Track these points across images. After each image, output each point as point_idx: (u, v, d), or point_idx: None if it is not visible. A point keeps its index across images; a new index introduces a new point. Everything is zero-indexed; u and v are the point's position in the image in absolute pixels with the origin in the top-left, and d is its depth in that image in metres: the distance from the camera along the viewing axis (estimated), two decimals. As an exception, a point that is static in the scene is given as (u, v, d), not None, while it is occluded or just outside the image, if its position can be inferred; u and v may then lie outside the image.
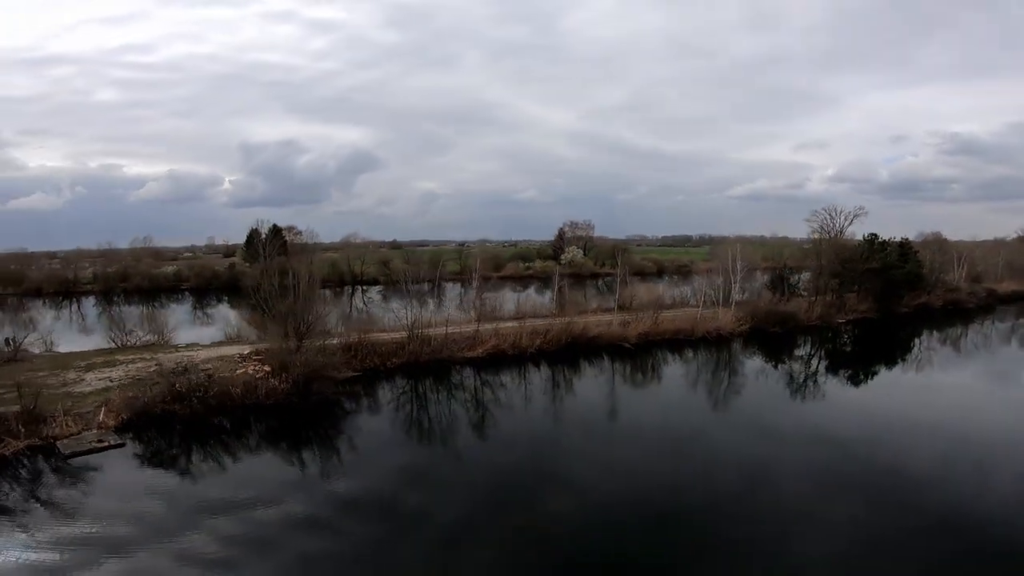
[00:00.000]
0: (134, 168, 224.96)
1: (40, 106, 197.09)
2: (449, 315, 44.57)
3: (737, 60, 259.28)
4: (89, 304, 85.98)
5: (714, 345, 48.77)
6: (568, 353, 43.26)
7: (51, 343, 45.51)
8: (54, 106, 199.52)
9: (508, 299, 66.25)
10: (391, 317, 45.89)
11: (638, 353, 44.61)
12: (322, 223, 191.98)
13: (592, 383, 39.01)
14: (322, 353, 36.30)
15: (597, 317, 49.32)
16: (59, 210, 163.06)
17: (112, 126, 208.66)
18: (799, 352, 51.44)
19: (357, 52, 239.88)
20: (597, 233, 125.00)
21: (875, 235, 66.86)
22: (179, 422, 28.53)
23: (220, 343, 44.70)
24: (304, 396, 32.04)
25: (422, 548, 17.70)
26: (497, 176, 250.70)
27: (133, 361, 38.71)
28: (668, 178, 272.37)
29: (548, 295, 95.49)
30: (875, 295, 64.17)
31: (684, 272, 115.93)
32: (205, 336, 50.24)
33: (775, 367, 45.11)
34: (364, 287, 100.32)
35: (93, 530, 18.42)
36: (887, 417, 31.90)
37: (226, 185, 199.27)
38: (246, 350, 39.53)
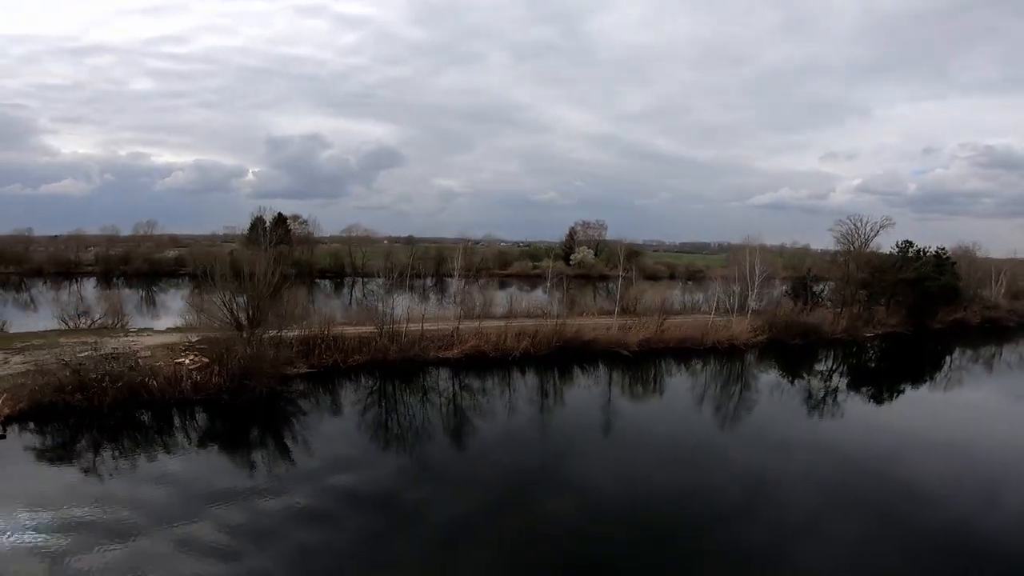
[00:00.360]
0: (162, 157, 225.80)
1: (77, 94, 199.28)
2: (426, 310, 39.29)
3: (768, 68, 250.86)
4: (87, 285, 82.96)
5: (725, 356, 42.83)
6: (558, 358, 37.71)
7: (4, 323, 41.53)
8: (90, 94, 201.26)
9: (502, 297, 60.83)
10: (367, 310, 40.80)
11: (638, 361, 38.91)
12: (342, 217, 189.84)
13: (582, 393, 33.45)
14: (272, 346, 31.49)
15: (595, 320, 43.66)
16: (88, 196, 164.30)
17: (144, 115, 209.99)
18: (820, 367, 45.27)
19: (385, 48, 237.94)
20: (612, 236, 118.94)
21: (909, 243, 60.20)
22: (80, 414, 23.85)
23: (177, 330, 40.02)
24: (237, 393, 27.11)
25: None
26: (516, 177, 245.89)
27: (72, 345, 34.17)
28: (689, 185, 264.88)
29: (554, 295, 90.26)
30: (908, 308, 57.52)
31: (698, 277, 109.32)
32: (176, 322, 45.74)
33: (793, 382, 39.21)
34: (364, 279, 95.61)
35: None
36: (916, 439, 27.70)
37: (250, 176, 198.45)
38: (196, 338, 34.71)
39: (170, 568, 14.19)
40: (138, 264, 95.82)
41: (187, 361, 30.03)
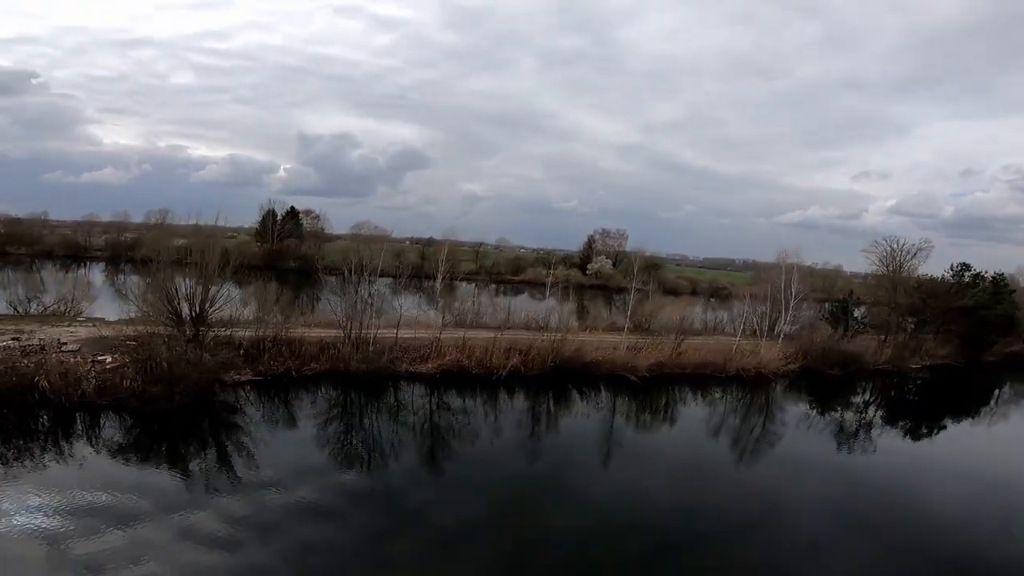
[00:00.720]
0: (198, 150, 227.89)
1: (122, 86, 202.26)
2: (402, 313, 33.75)
3: (804, 82, 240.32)
4: (93, 270, 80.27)
5: (750, 386, 36.41)
6: (554, 380, 31.76)
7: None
8: (134, 87, 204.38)
9: (504, 304, 55.22)
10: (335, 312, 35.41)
11: (647, 388, 32.76)
12: (367, 216, 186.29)
13: (575, 423, 27.54)
14: (215, 347, 26.40)
15: (602, 337, 37.63)
16: (126, 185, 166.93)
17: (184, 109, 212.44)
18: (862, 399, 38.88)
19: (417, 51, 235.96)
20: (633, 247, 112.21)
21: (966, 266, 52.75)
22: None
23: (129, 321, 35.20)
24: (150, 400, 21.98)
25: None
26: (540, 183, 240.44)
27: (3, 333, 29.56)
28: (716, 199, 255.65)
29: (563, 305, 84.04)
30: (960, 338, 50.22)
31: (722, 295, 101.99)
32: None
33: (833, 416, 32.96)
34: (371, 279, 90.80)
35: None
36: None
37: (281, 173, 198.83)
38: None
39: None
40: (144, 251, 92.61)
41: (108, 359, 25.01)
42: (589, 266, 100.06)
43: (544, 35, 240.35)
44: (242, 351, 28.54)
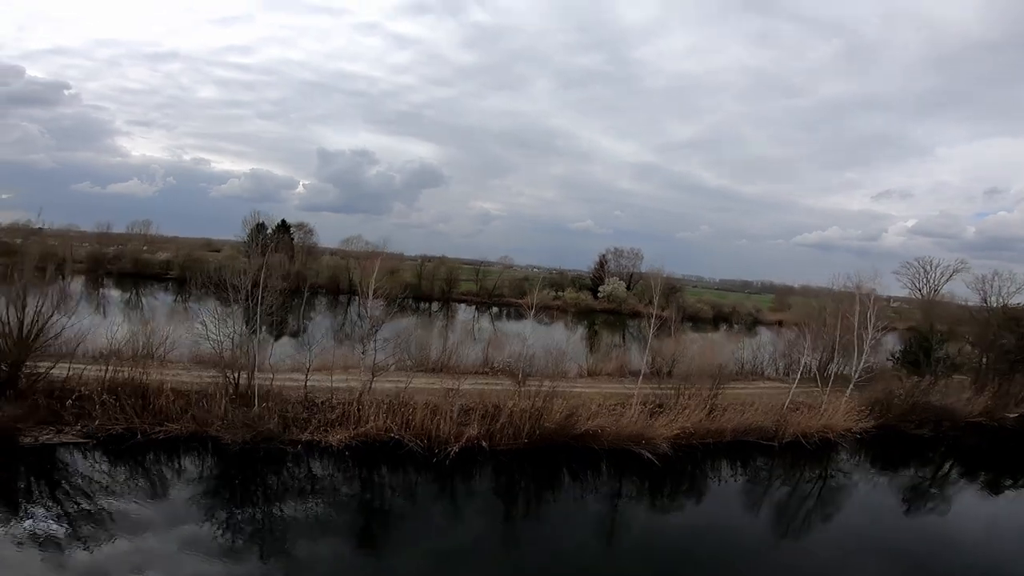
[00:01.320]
0: (221, 164, 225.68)
1: (151, 99, 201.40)
2: (311, 358, 23.25)
3: (824, 101, 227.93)
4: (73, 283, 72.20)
5: (812, 455, 25.30)
6: (535, 459, 21.09)
7: None
8: (162, 100, 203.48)
9: (485, 335, 44.87)
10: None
11: (671, 466, 21.90)
12: (382, 234, 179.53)
13: (559, 530, 16.88)
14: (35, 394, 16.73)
15: (606, 386, 26.99)
16: (151, 197, 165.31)
17: (208, 123, 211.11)
18: (957, 466, 27.57)
19: (434, 69, 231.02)
20: (648, 267, 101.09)
21: (1073, 293, 40.82)
22: None
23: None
24: None
25: None
26: (554, 203, 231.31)
27: None
28: (733, 220, 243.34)
29: (572, 334, 73.08)
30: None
31: (748, 321, 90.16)
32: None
33: (932, 498, 21.68)
34: (360, 298, 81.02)
35: None
36: None
37: (300, 189, 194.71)
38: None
39: None
40: (123, 264, 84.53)
41: None
42: (601, 288, 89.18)
43: (560, 54, 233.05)
44: (74, 398, 18.85)
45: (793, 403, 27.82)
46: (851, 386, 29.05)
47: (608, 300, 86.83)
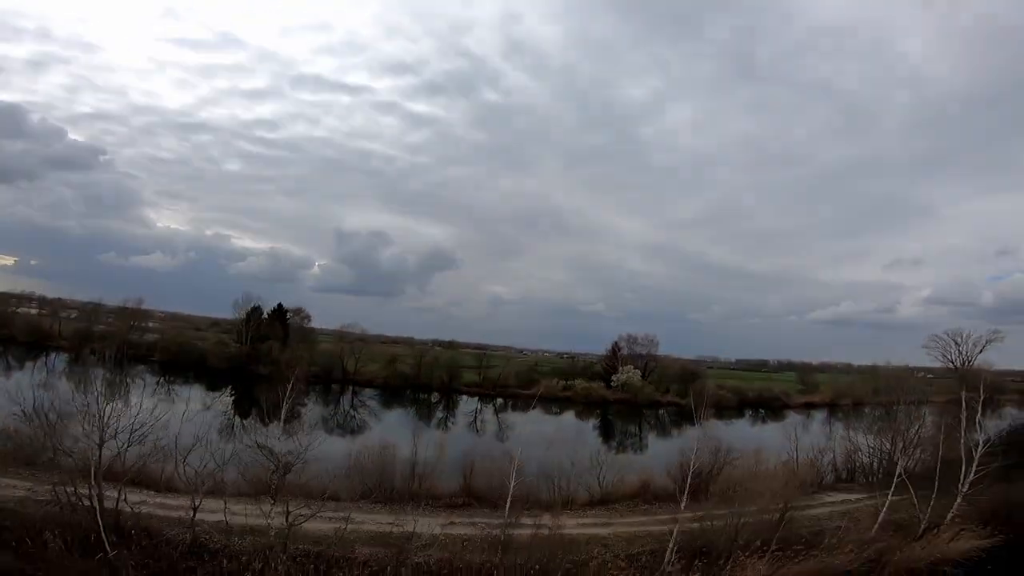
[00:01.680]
0: (241, 241, 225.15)
1: (180, 169, 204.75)
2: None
3: (827, 168, 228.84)
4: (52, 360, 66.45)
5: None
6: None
7: None
8: (190, 171, 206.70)
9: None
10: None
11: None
12: (395, 317, 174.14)
13: None
14: None
15: (631, 520, 19.96)
16: (171, 271, 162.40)
17: (231, 197, 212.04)
18: None
19: (448, 149, 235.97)
20: (663, 352, 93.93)
21: None
22: None
23: None
24: None
25: None
26: (564, 286, 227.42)
27: None
28: (745, 298, 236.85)
29: (581, 427, 65.11)
30: None
31: (775, 406, 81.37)
32: None
33: None
34: (356, 388, 73.96)
35: None
36: None
37: (315, 269, 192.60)
38: None
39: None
40: (108, 344, 76.53)
41: None
42: (614, 377, 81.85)
43: (567, 133, 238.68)
44: None
45: (880, 528, 20.41)
46: (958, 500, 21.56)
47: (622, 389, 79.38)
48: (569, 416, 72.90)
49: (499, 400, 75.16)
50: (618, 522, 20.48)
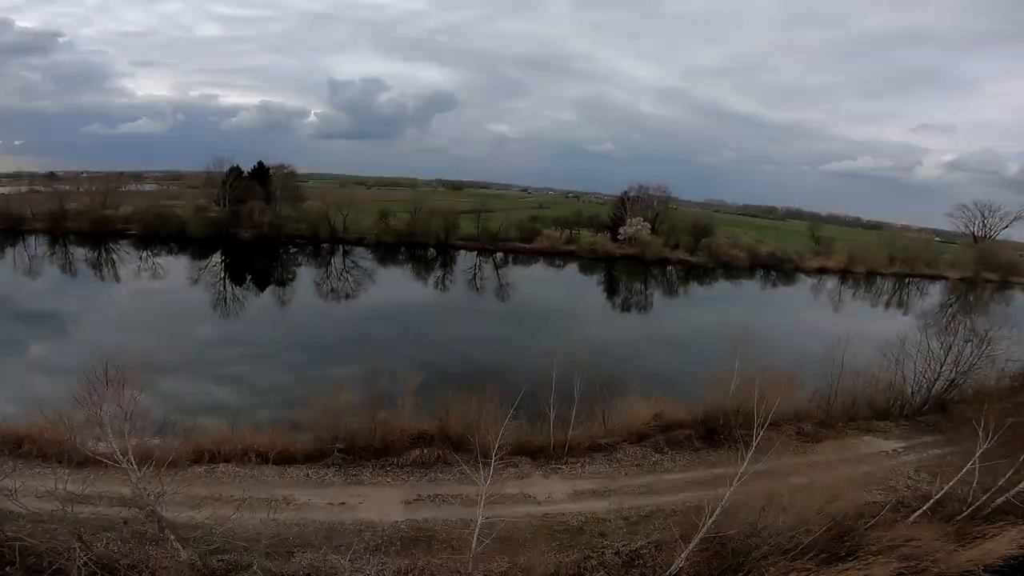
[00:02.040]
0: (229, 98, 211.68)
1: (150, 40, 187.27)
2: None
3: (866, 33, 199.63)
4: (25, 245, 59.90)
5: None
6: None
7: None
8: (162, 40, 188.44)
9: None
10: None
11: None
12: (396, 160, 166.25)
13: None
14: None
15: (631, 496, 15.80)
16: (162, 134, 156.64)
17: (213, 59, 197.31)
18: None
19: None
20: (671, 195, 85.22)
21: None
22: None
23: None
24: None
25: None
26: (572, 126, 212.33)
27: None
28: (759, 146, 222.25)
29: (586, 288, 61.02)
30: None
31: (787, 268, 76.45)
32: None
33: None
34: (346, 247, 68.74)
35: None
36: None
37: (312, 118, 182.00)
38: None
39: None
40: (81, 224, 69.11)
41: None
42: (622, 230, 75.84)
43: None
44: None
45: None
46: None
47: (630, 243, 73.91)
48: (572, 269, 68.90)
49: (499, 255, 70.46)
50: (621, 487, 16.57)
